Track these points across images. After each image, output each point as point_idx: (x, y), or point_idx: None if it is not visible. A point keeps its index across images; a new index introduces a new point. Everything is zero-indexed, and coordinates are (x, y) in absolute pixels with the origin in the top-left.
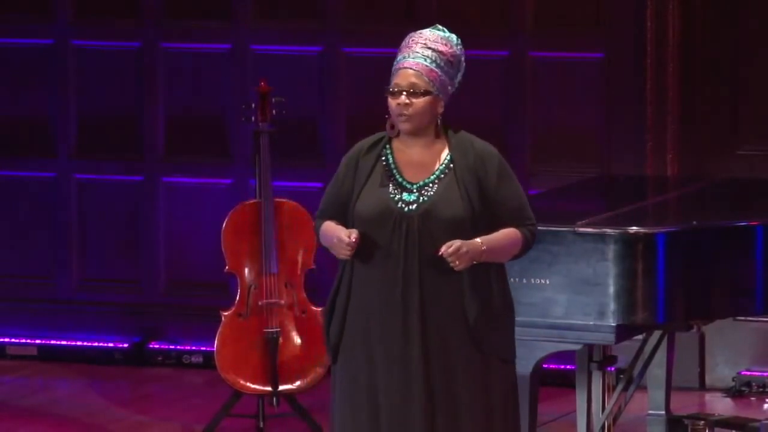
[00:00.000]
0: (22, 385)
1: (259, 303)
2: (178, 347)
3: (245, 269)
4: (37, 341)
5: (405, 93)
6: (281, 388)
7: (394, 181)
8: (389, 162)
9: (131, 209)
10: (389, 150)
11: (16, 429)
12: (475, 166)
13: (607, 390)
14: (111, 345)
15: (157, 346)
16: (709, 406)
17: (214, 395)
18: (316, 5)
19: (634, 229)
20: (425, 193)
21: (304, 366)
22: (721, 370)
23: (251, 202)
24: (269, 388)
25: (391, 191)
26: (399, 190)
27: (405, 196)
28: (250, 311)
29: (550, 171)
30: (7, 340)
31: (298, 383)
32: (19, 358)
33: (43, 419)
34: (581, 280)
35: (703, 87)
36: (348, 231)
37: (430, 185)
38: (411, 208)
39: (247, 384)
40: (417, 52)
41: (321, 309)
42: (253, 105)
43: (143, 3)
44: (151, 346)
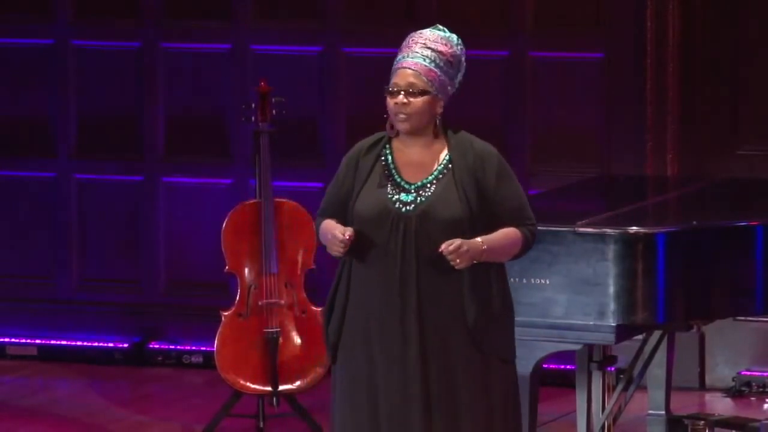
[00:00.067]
0: (22, 385)
1: (259, 303)
2: (178, 347)
3: (245, 269)
4: (37, 341)
5: (403, 93)
6: (281, 388)
7: (393, 182)
8: (388, 162)
9: (131, 209)
10: (389, 150)
11: (16, 429)
12: (474, 167)
13: (607, 390)
14: (111, 345)
15: (157, 346)
16: (709, 406)
17: (214, 395)
18: (316, 5)
19: (634, 229)
20: (423, 193)
21: (304, 366)
22: (721, 370)
23: (251, 202)
24: (269, 388)
25: (389, 191)
26: (397, 191)
27: (403, 196)
28: (250, 311)
29: (550, 171)
30: (7, 340)
31: (298, 383)
32: (19, 358)
33: (43, 419)
34: (581, 280)
35: (703, 87)
36: (343, 228)
37: (428, 186)
38: (408, 208)
39: (247, 384)
40: (416, 52)
41: (321, 309)
42: (253, 105)
43: (143, 3)
44: (151, 346)
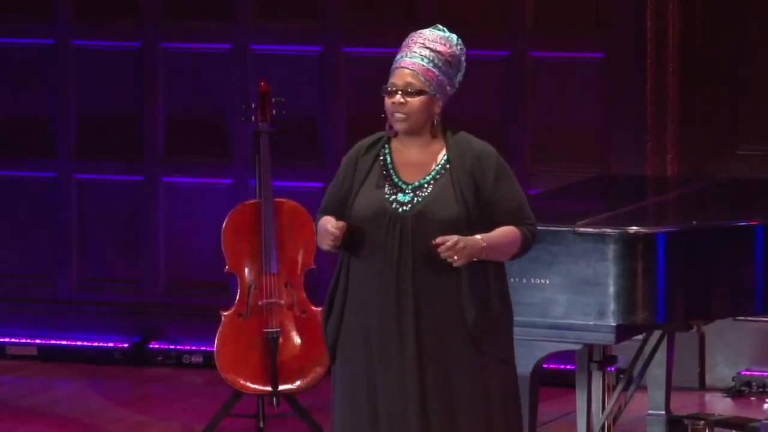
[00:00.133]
0: (22, 385)
1: (259, 303)
2: (178, 347)
3: (245, 269)
4: (37, 341)
5: (400, 92)
6: (281, 388)
7: (390, 182)
8: (387, 162)
9: (131, 209)
10: (387, 150)
11: (16, 429)
12: (471, 168)
13: (607, 390)
14: (111, 345)
15: (157, 346)
16: (709, 406)
17: (214, 395)
18: (316, 5)
19: (634, 229)
20: (420, 194)
21: (304, 366)
22: (721, 370)
23: (251, 202)
24: (269, 388)
25: (387, 192)
26: (394, 191)
27: (400, 196)
28: (250, 311)
29: (550, 171)
30: (7, 340)
31: (298, 383)
32: (19, 358)
33: (43, 419)
34: (581, 280)
35: (703, 87)
36: (336, 222)
37: (425, 186)
38: (405, 208)
39: (247, 384)
40: (415, 52)
41: (320, 309)
42: (253, 105)
43: (143, 3)
44: (151, 346)
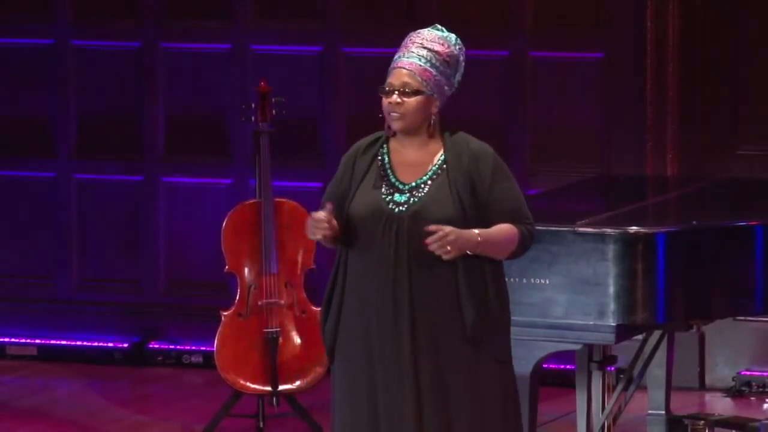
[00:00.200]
0: (22, 385)
1: (259, 303)
2: (178, 347)
3: (245, 269)
4: (37, 341)
5: (397, 92)
6: (281, 388)
7: (387, 182)
8: (384, 162)
9: (131, 209)
10: (386, 150)
11: (16, 429)
12: (469, 168)
13: (607, 390)
14: (111, 345)
15: (157, 346)
16: (709, 406)
17: (214, 395)
18: (316, 5)
19: (634, 229)
20: (416, 194)
21: (304, 366)
22: (721, 370)
23: (251, 202)
24: (269, 388)
25: (384, 192)
26: (391, 191)
27: (396, 196)
28: (250, 311)
29: (550, 171)
30: (7, 340)
31: (298, 383)
32: (19, 358)
33: (43, 419)
34: (581, 280)
35: (703, 87)
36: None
37: (422, 186)
38: (401, 209)
39: (247, 384)
40: (413, 52)
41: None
42: (253, 105)
43: (143, 3)
44: (151, 346)
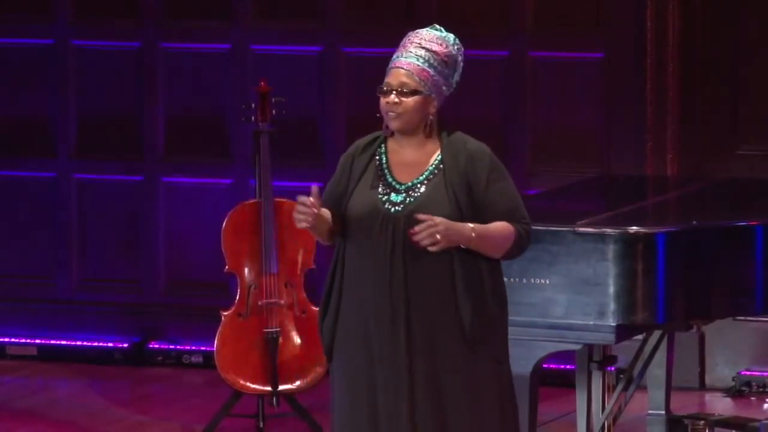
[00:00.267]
0: (22, 385)
1: (259, 303)
2: (178, 347)
3: (245, 269)
4: (37, 341)
5: (395, 92)
6: (281, 388)
7: (384, 182)
8: (382, 162)
9: (131, 209)
10: (383, 150)
11: (16, 429)
12: (465, 169)
13: (607, 390)
14: (111, 345)
15: (157, 346)
16: (709, 406)
17: (214, 395)
18: (316, 5)
19: (634, 229)
20: (412, 194)
21: (304, 366)
22: (721, 370)
23: (251, 202)
24: (269, 388)
25: (380, 192)
26: (388, 191)
27: (393, 196)
28: (250, 311)
29: (550, 171)
30: (7, 340)
31: (298, 383)
32: (19, 358)
33: (43, 419)
34: (581, 280)
35: (703, 87)
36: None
37: (418, 186)
38: (397, 208)
39: (247, 384)
40: (411, 52)
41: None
42: (253, 105)
43: (143, 3)
44: (151, 346)
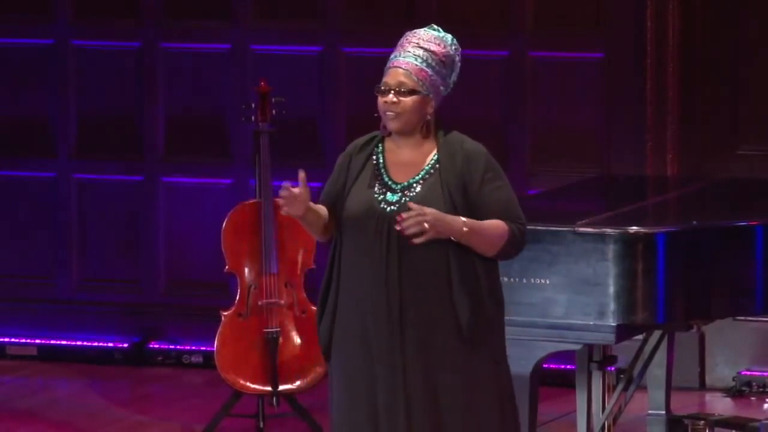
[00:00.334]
0: (22, 385)
1: (259, 303)
2: (178, 347)
3: (245, 269)
4: (37, 341)
5: (393, 92)
6: (281, 388)
7: (381, 181)
8: (379, 162)
9: (131, 209)
10: (381, 149)
11: (16, 429)
12: (461, 169)
13: (607, 390)
14: (111, 345)
15: (157, 346)
16: (709, 406)
17: (214, 395)
18: (316, 5)
19: (634, 229)
20: (408, 193)
21: (304, 366)
22: (721, 370)
23: (251, 202)
24: (269, 388)
25: (377, 191)
26: (384, 190)
27: (389, 196)
28: (250, 311)
29: (550, 171)
30: (7, 340)
31: (298, 383)
32: (19, 358)
33: (43, 419)
34: (581, 280)
35: (703, 87)
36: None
37: (414, 186)
38: (393, 208)
39: (247, 384)
40: (408, 52)
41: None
42: (253, 105)
43: (143, 3)
44: (151, 346)
